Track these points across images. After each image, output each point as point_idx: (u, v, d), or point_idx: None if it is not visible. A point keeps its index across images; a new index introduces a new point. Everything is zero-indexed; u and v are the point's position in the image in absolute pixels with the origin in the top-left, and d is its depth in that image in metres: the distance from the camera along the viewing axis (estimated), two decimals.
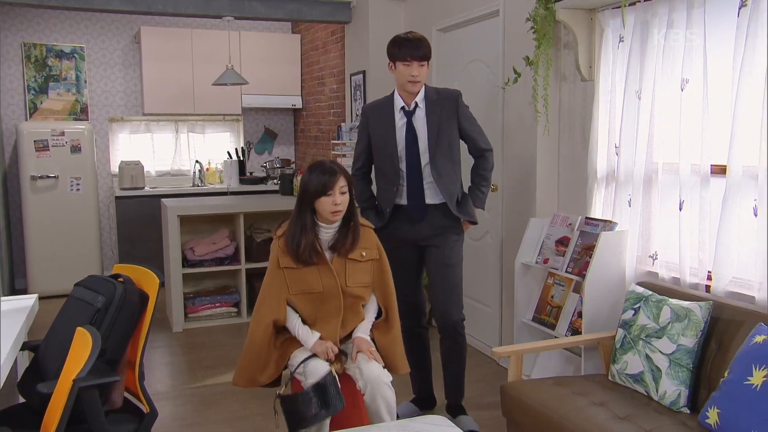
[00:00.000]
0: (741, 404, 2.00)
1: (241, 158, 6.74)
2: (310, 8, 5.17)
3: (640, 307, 2.54)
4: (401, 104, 3.00)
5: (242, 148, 6.84)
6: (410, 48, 2.87)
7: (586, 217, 3.21)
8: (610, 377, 2.61)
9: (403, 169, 2.99)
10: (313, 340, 2.49)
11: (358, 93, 5.23)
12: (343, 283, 2.52)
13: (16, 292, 5.79)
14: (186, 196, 5.95)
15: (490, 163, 3.05)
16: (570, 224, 3.30)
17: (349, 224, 2.55)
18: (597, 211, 3.19)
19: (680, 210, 2.70)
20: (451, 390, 3.17)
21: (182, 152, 6.79)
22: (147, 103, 6.30)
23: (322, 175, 2.46)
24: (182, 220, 4.85)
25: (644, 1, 2.81)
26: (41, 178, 5.65)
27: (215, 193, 6.32)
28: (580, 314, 3.05)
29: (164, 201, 5.12)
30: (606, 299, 2.90)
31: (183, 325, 4.85)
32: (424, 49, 2.89)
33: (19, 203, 5.82)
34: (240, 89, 6.43)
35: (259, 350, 2.52)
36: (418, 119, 2.97)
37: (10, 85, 6.09)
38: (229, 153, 6.76)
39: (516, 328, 3.50)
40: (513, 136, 3.79)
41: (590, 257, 2.95)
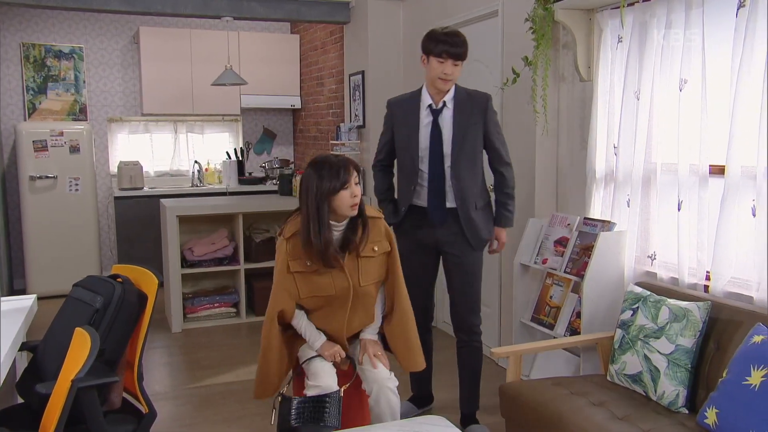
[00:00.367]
0: (739, 404, 2.00)
1: (240, 158, 6.74)
2: (309, 8, 5.17)
3: (638, 308, 2.54)
4: (429, 102, 2.87)
5: (241, 149, 6.84)
6: (447, 45, 2.73)
7: (585, 218, 3.21)
8: (608, 377, 2.61)
9: (423, 170, 2.89)
10: (320, 342, 2.45)
11: (357, 93, 5.24)
12: (356, 284, 2.42)
13: (14, 292, 5.79)
14: (185, 196, 5.94)
15: (512, 178, 2.96)
16: (569, 224, 3.30)
17: (357, 220, 2.41)
18: (596, 212, 3.19)
19: (679, 210, 2.70)
20: (465, 399, 3.07)
21: (181, 152, 6.79)
22: (146, 103, 6.30)
23: (336, 170, 2.31)
24: (181, 220, 4.85)
25: (643, 1, 2.82)
26: (40, 178, 5.65)
27: (214, 194, 6.32)
28: (578, 314, 3.05)
29: (163, 201, 5.12)
30: (604, 299, 2.91)
31: (182, 325, 4.85)
32: (462, 48, 2.76)
33: (18, 203, 5.82)
34: (239, 89, 6.43)
35: (273, 352, 2.43)
36: (445, 119, 2.85)
37: (9, 85, 6.09)
38: (228, 153, 6.76)
39: (515, 328, 3.50)
40: (512, 136, 3.78)
41: (589, 257, 2.96)
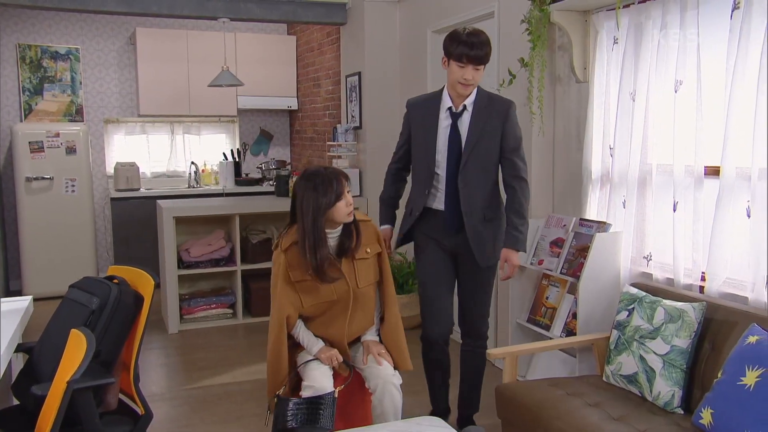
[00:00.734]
0: (734, 404, 2.01)
1: (237, 160, 6.73)
2: (306, 10, 5.17)
3: (634, 308, 2.55)
4: (449, 104, 2.75)
5: (238, 150, 6.84)
6: (467, 47, 2.59)
7: (581, 219, 3.22)
8: (604, 378, 2.61)
9: (439, 173, 2.77)
10: (318, 347, 2.49)
11: (354, 94, 5.24)
12: (355, 286, 2.49)
13: (10, 293, 5.77)
14: (182, 197, 5.94)
15: (525, 195, 2.73)
16: (564, 225, 3.31)
17: (350, 225, 2.50)
18: (591, 213, 3.20)
19: (674, 211, 2.71)
20: (465, 401, 3.01)
21: (178, 153, 6.78)
22: (142, 104, 6.29)
23: (330, 183, 2.39)
24: (178, 221, 4.84)
25: (638, 3, 2.83)
26: (36, 179, 5.64)
27: (211, 195, 6.31)
28: (574, 315, 3.06)
29: (160, 202, 5.11)
30: (600, 300, 2.91)
31: (178, 326, 4.84)
32: (484, 51, 2.62)
33: (14, 204, 5.80)
34: (235, 91, 6.43)
35: (281, 353, 2.45)
36: (464, 123, 2.73)
37: (5, 86, 6.07)
38: (224, 154, 6.75)
39: (511, 329, 3.51)
40: None
41: (585, 258, 2.96)
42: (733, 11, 2.41)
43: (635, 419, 2.27)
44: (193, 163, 6.62)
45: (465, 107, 2.73)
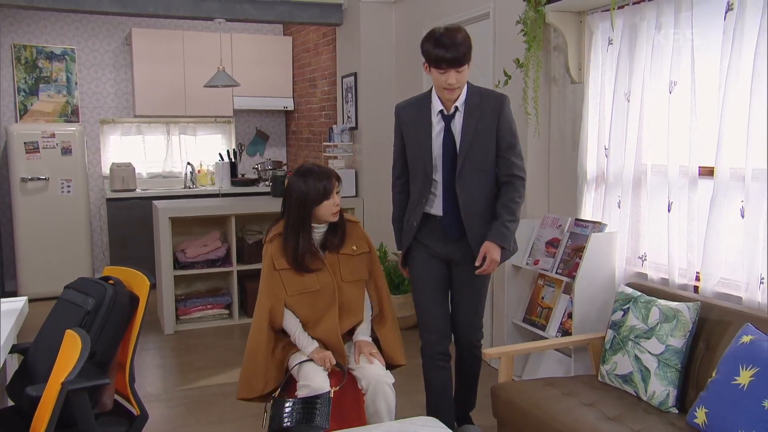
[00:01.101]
0: (728, 404, 2.02)
1: (233, 160, 6.73)
2: (301, 10, 5.17)
3: (629, 308, 2.56)
4: (439, 107, 2.61)
5: (234, 150, 6.83)
6: (443, 49, 2.42)
7: (576, 219, 3.23)
8: (599, 378, 2.62)
9: (437, 180, 2.65)
10: (312, 348, 2.50)
11: (350, 95, 5.24)
12: (339, 279, 2.55)
13: (5, 294, 5.75)
14: (177, 198, 5.93)
15: (518, 192, 2.62)
16: (560, 226, 3.31)
17: (336, 222, 2.58)
18: (587, 213, 3.21)
19: (669, 211, 2.72)
20: (461, 400, 2.95)
21: (174, 154, 6.77)
22: (138, 104, 6.28)
23: (320, 181, 2.48)
24: (173, 221, 4.84)
25: (633, 4, 2.84)
26: (31, 180, 5.62)
27: (207, 195, 6.31)
28: (570, 315, 3.07)
29: (155, 203, 5.10)
30: (595, 300, 2.92)
31: (174, 327, 4.84)
32: (461, 51, 2.44)
33: (9, 205, 5.79)
34: (231, 91, 6.42)
35: (257, 354, 2.50)
36: (458, 125, 2.59)
37: (0, 87, 6.06)
38: (220, 155, 6.75)
39: (506, 329, 3.51)
40: None
41: (580, 258, 2.97)
42: (726, 12, 2.43)
43: (630, 419, 2.28)
44: (189, 163, 6.61)
45: (456, 108, 2.59)
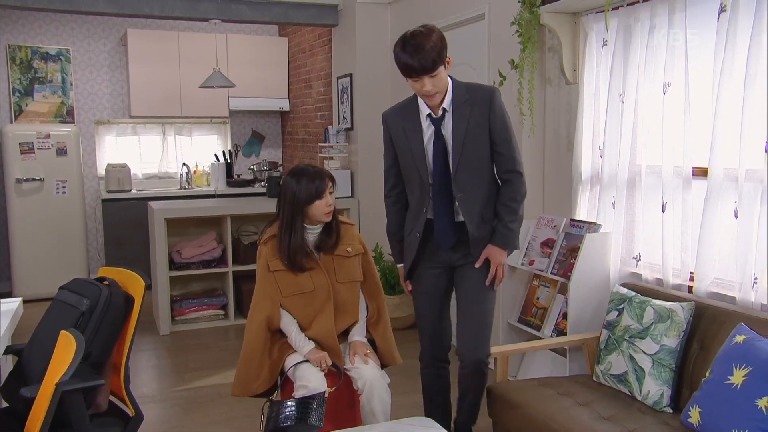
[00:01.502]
0: (722, 403, 2.02)
1: (229, 161, 6.72)
2: (297, 11, 5.17)
3: (623, 308, 2.57)
4: (427, 111, 2.47)
5: (229, 151, 6.83)
6: (409, 57, 2.27)
7: (571, 219, 3.24)
8: (594, 378, 2.63)
9: (432, 185, 2.53)
10: (308, 348, 2.51)
11: (345, 96, 5.24)
12: (334, 280, 2.55)
13: (0, 295, 5.74)
14: (173, 198, 5.92)
15: (518, 190, 2.48)
16: (555, 226, 3.32)
17: (331, 223, 2.59)
18: (582, 213, 3.22)
19: (663, 212, 2.73)
20: (464, 414, 2.73)
21: (169, 155, 6.76)
22: (134, 105, 6.27)
23: (312, 181, 2.49)
24: (169, 222, 4.83)
25: (627, 5, 2.85)
26: (26, 180, 5.61)
27: (202, 196, 6.30)
28: (565, 315, 3.08)
29: (151, 203, 5.10)
30: (590, 300, 2.93)
31: (170, 327, 4.83)
32: (430, 57, 2.26)
33: (4, 206, 5.77)
34: (227, 92, 6.42)
35: (253, 353, 2.52)
36: (448, 126, 2.44)
37: None
38: (216, 156, 6.74)
39: (502, 329, 3.52)
40: None
41: (575, 259, 2.98)
42: (720, 14, 2.44)
43: (625, 418, 2.29)
44: (184, 164, 6.60)
45: (445, 110, 2.44)
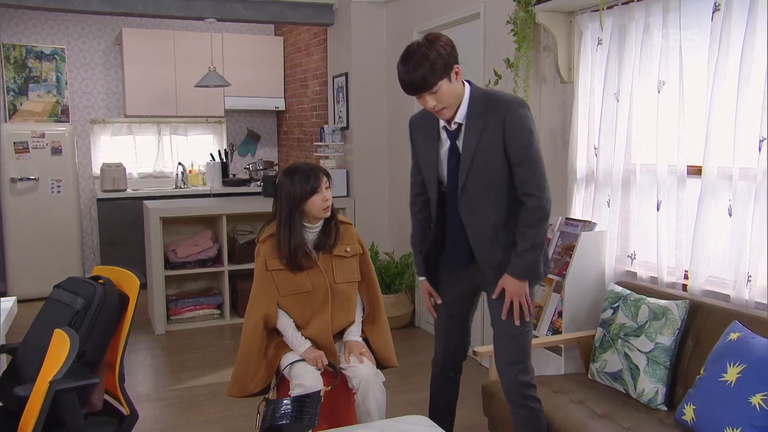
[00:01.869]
0: (716, 400, 2.03)
1: (224, 160, 6.72)
2: (293, 10, 5.17)
3: (618, 306, 2.57)
4: (443, 122, 2.29)
5: (225, 150, 6.82)
6: (404, 74, 2.13)
7: (566, 218, 3.24)
8: (589, 376, 2.64)
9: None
10: (304, 347, 2.51)
11: (341, 95, 5.24)
12: (332, 280, 2.55)
13: None
14: (168, 198, 5.91)
15: (533, 214, 2.19)
16: (550, 225, 3.32)
17: (330, 222, 2.59)
18: (577, 212, 3.22)
19: (657, 210, 2.74)
20: None
21: (165, 154, 6.75)
22: (129, 105, 6.26)
23: (306, 177, 2.49)
24: (164, 221, 4.82)
25: (622, 4, 2.86)
26: (21, 180, 5.59)
27: (198, 196, 6.29)
28: (560, 314, 3.08)
29: (146, 203, 5.09)
30: (586, 299, 2.93)
31: (165, 327, 4.82)
32: (422, 75, 2.09)
33: None
34: (223, 91, 6.41)
35: (250, 352, 2.51)
36: (462, 141, 2.26)
37: None
38: (212, 155, 6.73)
39: None
40: None
41: (570, 257, 2.98)
42: (713, 13, 2.44)
43: (620, 416, 2.30)
44: (180, 163, 6.59)
45: (459, 123, 2.25)
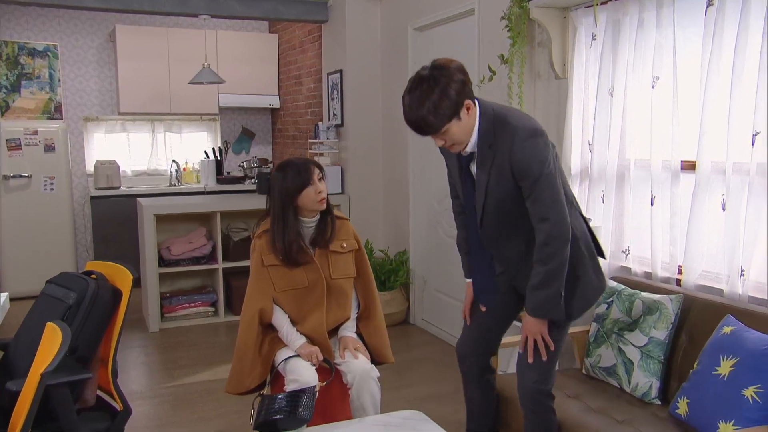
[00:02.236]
0: (709, 393, 2.04)
1: (219, 158, 6.70)
2: (287, 7, 5.16)
3: (612, 301, 2.58)
4: None
5: (219, 148, 6.80)
6: (405, 114, 2.02)
7: None
8: (584, 371, 2.64)
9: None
10: (299, 343, 2.50)
11: (336, 92, 5.24)
12: (328, 276, 2.54)
13: None
14: (162, 195, 5.89)
15: (542, 248, 2.02)
16: None
17: (326, 217, 2.57)
18: None
19: (652, 205, 2.74)
20: None
21: (159, 152, 6.72)
22: (122, 102, 6.23)
23: (298, 170, 2.48)
24: (158, 219, 4.80)
25: (616, 0, 2.86)
26: (14, 177, 5.56)
27: (192, 193, 6.27)
28: None
29: (140, 200, 5.07)
30: None
31: (159, 324, 4.80)
32: (424, 119, 1.96)
33: None
34: (217, 89, 6.39)
35: (246, 347, 2.50)
36: (475, 171, 2.14)
37: None
38: (206, 153, 6.71)
39: None
40: None
41: None
42: (707, 8, 2.45)
43: (613, 410, 2.30)
44: (174, 161, 6.57)
45: (470, 152, 2.12)
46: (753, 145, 2.30)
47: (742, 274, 2.38)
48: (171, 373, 3.94)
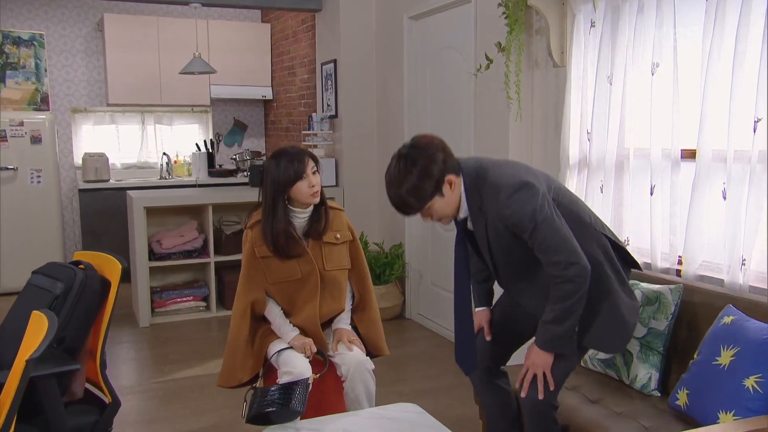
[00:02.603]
0: (709, 384, 2.01)
1: (210, 150, 6.62)
2: None
3: None
4: None
5: (211, 140, 6.72)
6: (389, 196, 2.02)
7: None
8: (582, 363, 2.61)
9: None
10: (292, 335, 2.46)
11: (329, 82, 5.17)
12: (321, 268, 2.49)
13: None
14: (153, 188, 5.81)
15: (557, 289, 1.98)
16: None
17: (320, 208, 2.52)
18: None
19: (651, 195, 2.71)
20: None
21: (149, 144, 6.64)
22: (111, 93, 6.13)
23: (291, 162, 2.41)
24: (149, 212, 4.73)
25: None
26: None
27: (183, 186, 6.19)
28: None
29: (130, 192, 4.98)
30: None
31: (150, 319, 4.73)
32: (403, 201, 1.97)
33: None
34: (208, 80, 6.31)
35: (238, 340, 2.46)
36: (474, 230, 2.14)
37: None
38: (197, 145, 6.63)
39: None
40: (485, 123, 3.78)
41: None
42: None
43: (612, 402, 2.28)
44: (165, 154, 6.48)
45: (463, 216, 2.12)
46: (755, 132, 2.27)
47: (743, 264, 2.35)
48: (161, 368, 3.88)
